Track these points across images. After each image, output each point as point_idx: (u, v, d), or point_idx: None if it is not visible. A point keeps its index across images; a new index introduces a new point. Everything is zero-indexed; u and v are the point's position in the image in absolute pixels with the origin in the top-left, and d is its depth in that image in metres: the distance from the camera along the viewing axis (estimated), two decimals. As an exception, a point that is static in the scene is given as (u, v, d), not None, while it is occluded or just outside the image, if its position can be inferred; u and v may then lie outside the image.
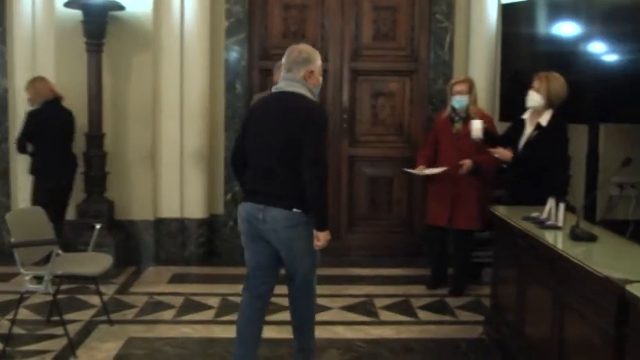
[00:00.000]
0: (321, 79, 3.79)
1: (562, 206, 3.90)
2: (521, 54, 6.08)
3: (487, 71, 6.35)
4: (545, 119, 4.77)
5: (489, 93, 6.33)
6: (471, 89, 5.45)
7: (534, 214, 4.08)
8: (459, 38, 6.53)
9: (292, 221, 3.60)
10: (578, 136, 6.32)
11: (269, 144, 3.61)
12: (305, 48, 3.81)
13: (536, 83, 4.81)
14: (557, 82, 4.77)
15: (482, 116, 5.28)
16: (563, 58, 5.78)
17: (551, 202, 4.00)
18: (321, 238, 3.61)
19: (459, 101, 5.43)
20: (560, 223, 3.86)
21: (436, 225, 5.60)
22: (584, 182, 6.07)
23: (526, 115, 4.88)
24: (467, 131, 5.11)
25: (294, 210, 3.58)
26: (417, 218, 6.61)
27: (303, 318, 3.95)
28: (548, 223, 3.92)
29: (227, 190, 6.61)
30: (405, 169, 5.65)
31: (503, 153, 4.83)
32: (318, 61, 3.76)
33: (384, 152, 6.72)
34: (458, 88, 5.45)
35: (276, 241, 3.67)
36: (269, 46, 6.63)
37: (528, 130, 4.83)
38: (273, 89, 3.81)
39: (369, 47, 6.58)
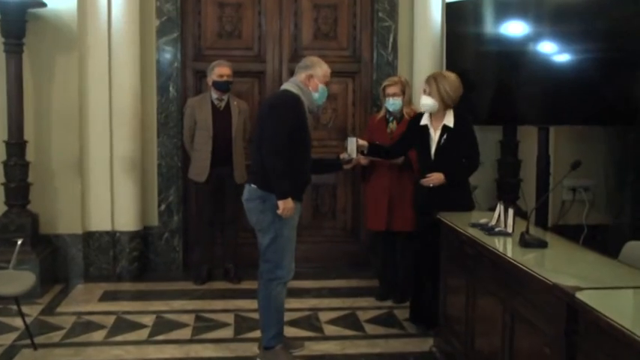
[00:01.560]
0: (322, 86, 4.47)
1: (511, 211, 3.94)
2: (468, 54, 6.15)
3: (432, 72, 6.30)
4: (450, 120, 4.82)
5: (435, 94, 6.38)
6: (404, 90, 5.55)
7: (482, 220, 4.14)
8: (403, 38, 6.60)
9: (249, 195, 4.38)
10: (527, 139, 6.45)
11: (256, 132, 4.48)
12: (311, 57, 4.64)
13: (425, 87, 4.86)
14: (447, 81, 4.81)
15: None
16: (511, 58, 5.88)
17: (499, 208, 4.04)
18: (280, 206, 4.21)
19: (392, 104, 5.55)
20: (509, 230, 3.89)
21: (377, 230, 5.66)
22: (534, 186, 6.17)
23: (426, 121, 4.90)
24: (401, 131, 5.23)
25: (252, 185, 4.37)
26: (363, 227, 6.63)
27: (262, 312, 4.46)
28: (497, 229, 3.95)
29: (161, 200, 6.55)
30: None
31: (436, 178, 4.81)
32: (320, 69, 4.47)
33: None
34: (390, 90, 5.55)
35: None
36: (203, 47, 6.63)
37: (435, 135, 4.85)
38: None
39: (309, 47, 6.58)
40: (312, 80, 4.45)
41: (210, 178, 6.08)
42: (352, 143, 4.78)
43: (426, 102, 4.83)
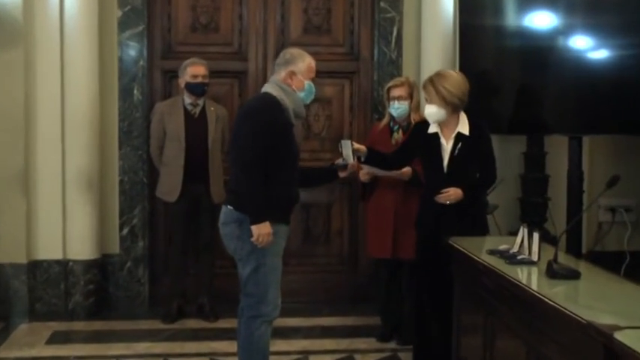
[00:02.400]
0: (307, 82, 4.42)
1: (537, 236, 3.92)
2: (486, 51, 6.18)
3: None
4: (464, 127, 4.84)
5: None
6: (411, 93, 5.54)
7: (503, 247, 4.12)
8: (409, 32, 6.60)
9: (225, 218, 4.40)
10: (556, 151, 6.45)
11: (231, 143, 4.54)
12: (291, 49, 4.60)
13: (424, 94, 4.87)
14: (445, 79, 4.79)
15: None
16: (538, 55, 5.91)
17: (523, 232, 4.02)
18: (254, 232, 4.19)
19: (397, 108, 5.53)
20: (534, 258, 3.88)
21: (379, 258, 5.68)
22: (565, 206, 6.15)
23: (435, 128, 4.89)
24: None
25: (228, 207, 4.37)
26: (363, 253, 6.60)
27: (243, 356, 4.46)
28: (520, 257, 3.93)
29: (123, 223, 6.52)
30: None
31: (455, 194, 4.79)
32: (302, 63, 4.42)
33: (320, 172, 6.72)
34: (396, 92, 5.54)
35: None
36: (174, 42, 6.63)
37: (447, 144, 4.85)
38: None
39: (299, 43, 6.45)
40: (294, 77, 4.41)
41: (182, 197, 6.07)
42: (347, 146, 4.73)
43: (430, 111, 4.80)
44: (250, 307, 4.39)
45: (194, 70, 6.01)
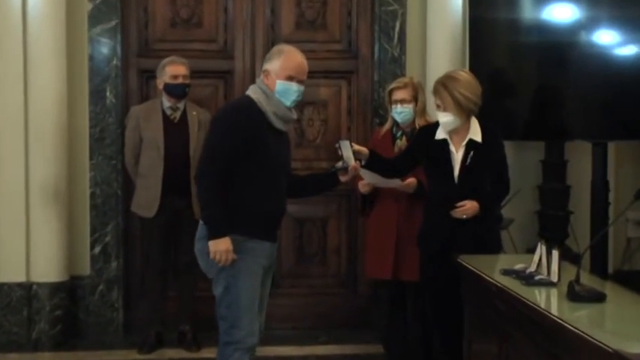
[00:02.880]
0: (281, 82, 4.42)
1: (556, 254, 3.90)
2: (499, 47, 6.23)
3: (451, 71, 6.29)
4: (476, 133, 4.87)
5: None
6: (416, 96, 5.54)
7: (519, 266, 4.12)
8: (413, 26, 6.60)
9: (198, 234, 4.47)
10: (578, 159, 6.48)
11: None
12: (279, 46, 4.75)
13: (436, 100, 4.86)
14: (459, 83, 4.80)
15: None
16: (558, 52, 5.98)
17: (541, 249, 4.02)
18: (210, 249, 4.26)
19: (400, 113, 5.53)
20: (554, 278, 3.87)
21: (381, 279, 5.68)
22: (588, 220, 6.15)
23: (443, 134, 4.91)
24: None
25: (200, 221, 4.46)
26: (362, 273, 6.55)
27: None
28: (538, 277, 3.94)
29: (95, 241, 6.50)
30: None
31: (472, 208, 4.80)
32: (278, 61, 4.46)
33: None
34: (398, 95, 5.54)
35: None
36: (151, 39, 6.64)
37: (458, 152, 4.88)
38: None
39: (291, 39, 6.39)
40: (269, 77, 4.48)
41: (160, 211, 6.06)
42: (347, 147, 4.72)
43: (446, 120, 4.82)
44: (224, 332, 4.43)
45: (174, 70, 5.99)
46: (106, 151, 6.41)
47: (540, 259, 4.02)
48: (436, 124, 4.98)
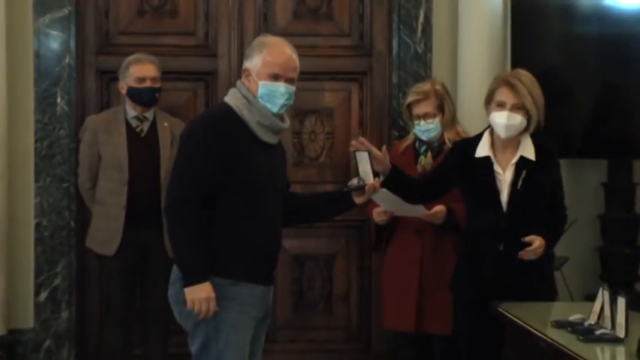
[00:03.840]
0: (264, 83, 4.26)
1: (622, 302, 3.81)
2: (549, 42, 6.34)
3: (490, 70, 6.26)
4: (529, 150, 4.86)
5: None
6: (441, 105, 5.51)
7: (575, 317, 4.09)
8: (441, 15, 6.66)
9: (172, 277, 4.37)
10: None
11: None
12: (259, 38, 4.62)
13: (509, 97, 4.79)
14: (533, 83, 4.83)
15: None
16: (625, 47, 5.98)
17: (603, 295, 3.97)
18: (187, 298, 4.16)
19: (424, 131, 5.54)
20: (620, 333, 3.79)
21: (401, 332, 5.73)
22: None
23: (486, 151, 4.91)
24: None
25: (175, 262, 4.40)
26: (377, 325, 6.56)
27: None
28: (600, 332, 3.88)
29: (41, 285, 6.51)
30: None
31: (540, 246, 4.72)
32: (259, 57, 4.31)
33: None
34: (420, 109, 5.53)
35: None
36: (113, 31, 6.69)
37: (505, 173, 4.87)
38: None
39: (289, 32, 6.36)
40: (249, 78, 4.34)
41: (123, 248, 6.02)
42: (364, 160, 4.60)
43: (513, 122, 4.77)
44: None
45: (140, 71, 5.97)
46: (56, 171, 6.42)
47: (602, 309, 3.97)
48: (475, 139, 4.97)
